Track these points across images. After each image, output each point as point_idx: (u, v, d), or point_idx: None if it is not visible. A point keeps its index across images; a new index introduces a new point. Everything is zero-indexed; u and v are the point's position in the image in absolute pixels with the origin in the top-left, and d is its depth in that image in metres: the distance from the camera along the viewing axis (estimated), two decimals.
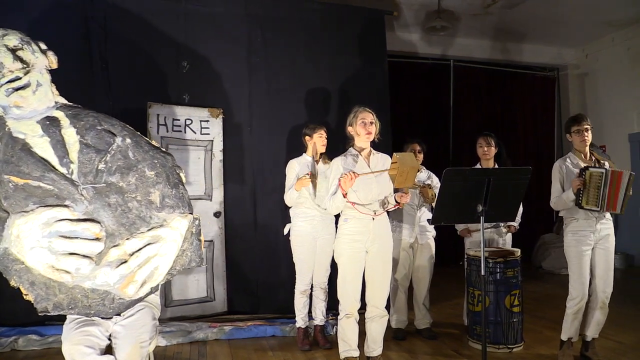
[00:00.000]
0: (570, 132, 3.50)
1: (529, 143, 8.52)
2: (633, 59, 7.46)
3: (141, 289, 2.15)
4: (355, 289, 3.23)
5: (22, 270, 2.01)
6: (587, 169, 3.32)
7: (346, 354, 3.28)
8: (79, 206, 2.07)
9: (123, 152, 2.17)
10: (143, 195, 2.16)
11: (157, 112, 4.42)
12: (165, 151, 2.31)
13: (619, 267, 7.14)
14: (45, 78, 2.20)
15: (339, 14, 5.12)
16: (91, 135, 2.15)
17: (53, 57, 2.21)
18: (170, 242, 2.17)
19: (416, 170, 3.00)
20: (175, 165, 2.29)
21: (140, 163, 2.19)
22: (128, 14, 4.40)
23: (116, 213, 2.11)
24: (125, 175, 2.15)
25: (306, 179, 3.72)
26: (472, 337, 3.92)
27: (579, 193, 3.31)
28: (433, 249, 4.23)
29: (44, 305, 2.05)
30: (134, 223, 2.13)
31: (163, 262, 2.16)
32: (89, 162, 2.11)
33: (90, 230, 2.06)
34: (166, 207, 2.19)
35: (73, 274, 2.03)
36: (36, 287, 2.03)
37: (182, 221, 2.20)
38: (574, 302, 3.42)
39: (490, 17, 6.92)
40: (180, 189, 2.24)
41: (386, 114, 4.89)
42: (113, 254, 2.09)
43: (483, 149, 4.21)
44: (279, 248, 4.53)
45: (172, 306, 4.43)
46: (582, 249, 3.38)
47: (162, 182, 2.20)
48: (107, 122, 2.22)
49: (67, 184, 2.06)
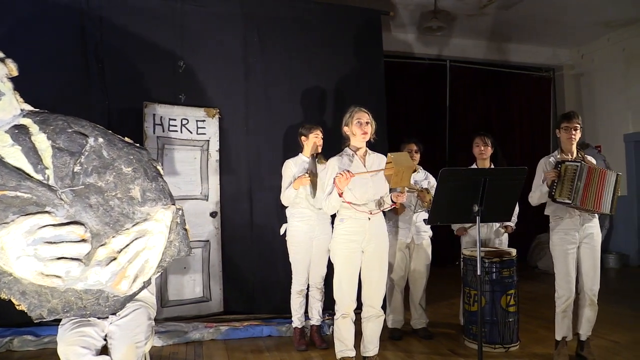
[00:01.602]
0: (559, 127, 3.53)
1: (524, 143, 8.54)
2: (628, 59, 7.49)
3: (134, 283, 2.15)
4: (351, 289, 3.23)
5: (11, 281, 2.00)
6: (563, 163, 3.35)
7: (342, 354, 3.29)
8: (60, 211, 2.06)
9: (97, 152, 2.17)
10: (123, 192, 2.17)
11: (153, 112, 4.40)
12: (139, 146, 2.31)
13: (614, 267, 7.18)
14: (7, 87, 2.16)
15: (335, 14, 5.12)
16: (62, 138, 2.14)
17: (12, 64, 2.18)
18: (157, 234, 2.17)
19: (412, 170, 3.00)
20: (152, 159, 2.29)
21: (116, 161, 2.19)
22: (124, 13, 4.39)
23: (98, 213, 2.11)
24: (102, 175, 2.14)
25: (305, 177, 3.72)
26: (468, 336, 3.92)
27: (553, 185, 3.33)
28: (429, 249, 4.24)
29: (38, 313, 2.04)
30: (118, 220, 2.14)
31: (152, 255, 2.17)
32: (64, 165, 2.10)
33: (74, 233, 2.05)
34: (148, 201, 2.19)
35: (64, 277, 2.03)
36: (28, 296, 2.02)
37: (165, 213, 2.21)
38: (561, 301, 3.46)
39: (486, 18, 6.94)
40: (160, 181, 2.25)
41: (382, 114, 4.90)
42: (101, 253, 2.09)
43: (480, 149, 4.22)
44: (275, 248, 4.52)
45: (168, 306, 4.42)
46: (567, 247, 3.41)
47: (140, 177, 2.20)
48: (76, 124, 2.20)
49: (45, 190, 2.05)
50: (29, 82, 4.04)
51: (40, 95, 4.07)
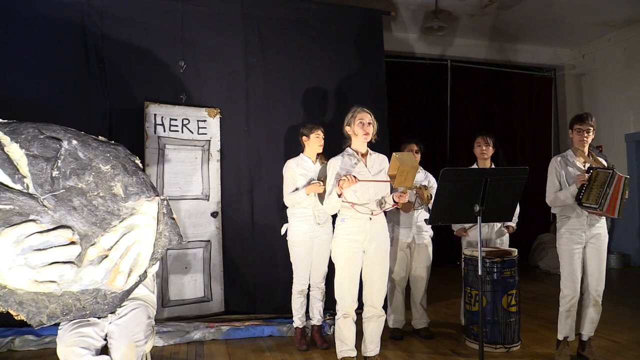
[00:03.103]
0: (572, 128, 3.50)
1: (526, 143, 8.54)
2: (629, 59, 7.48)
3: (129, 278, 2.17)
4: (352, 289, 3.23)
5: (6, 293, 2.00)
6: (595, 169, 3.32)
7: (343, 354, 3.29)
8: (45, 217, 2.06)
9: (72, 154, 2.16)
10: (105, 191, 2.17)
11: (154, 112, 4.41)
12: (114, 143, 2.30)
13: (615, 267, 7.17)
14: None
15: (336, 14, 5.12)
16: (36, 145, 2.13)
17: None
18: (145, 227, 2.19)
19: (416, 170, 3.01)
20: (128, 153, 2.29)
21: (93, 160, 2.19)
22: (125, 13, 4.39)
23: (83, 214, 2.11)
24: (81, 176, 2.15)
25: (320, 185, 3.71)
26: (470, 336, 3.92)
27: (582, 189, 3.31)
28: (430, 249, 4.23)
29: (38, 320, 2.04)
30: (104, 219, 2.14)
31: (143, 247, 2.18)
32: (41, 172, 2.09)
33: (62, 237, 2.06)
34: (131, 195, 2.20)
35: (58, 282, 2.03)
36: (25, 305, 2.02)
37: (150, 204, 2.22)
38: (565, 300, 3.45)
39: (488, 18, 6.93)
40: (140, 174, 2.25)
41: (383, 114, 4.90)
42: (92, 253, 2.09)
43: (481, 148, 4.22)
44: (276, 248, 4.52)
45: (169, 306, 4.42)
46: (573, 247, 3.41)
47: (120, 173, 2.21)
48: (48, 129, 2.19)
49: (27, 199, 2.04)
50: (30, 83, 4.10)
51: (41, 95, 4.13)
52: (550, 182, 3.54)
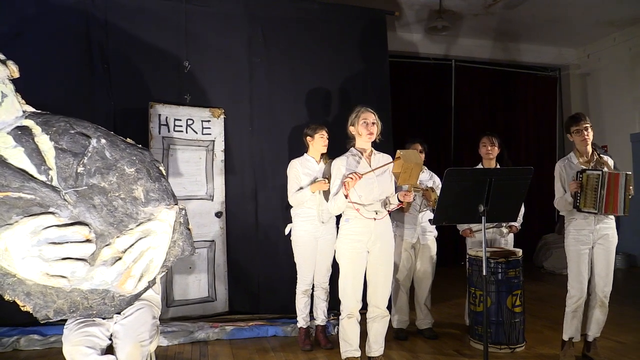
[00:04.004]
0: (570, 132, 3.49)
1: (530, 143, 8.51)
2: (635, 58, 7.44)
3: (139, 283, 2.16)
4: (356, 289, 3.23)
5: (15, 282, 2.01)
6: (584, 172, 3.32)
7: (347, 354, 3.28)
8: (64, 211, 2.07)
9: (100, 152, 2.18)
10: (126, 193, 2.17)
11: (158, 112, 4.42)
12: (141, 147, 2.31)
13: (621, 267, 7.14)
14: (9, 88, 2.17)
15: (340, 14, 5.11)
16: (65, 139, 2.15)
17: (14, 66, 2.18)
18: (161, 234, 2.18)
19: (420, 167, 3.00)
20: (154, 159, 2.30)
21: (119, 161, 2.20)
22: (129, 14, 4.40)
23: (102, 213, 2.12)
24: (105, 176, 2.15)
25: (325, 183, 3.71)
26: (474, 337, 3.91)
27: (577, 196, 3.32)
28: (434, 249, 4.23)
29: (44, 313, 2.05)
30: (122, 221, 2.14)
31: (157, 254, 2.18)
32: (67, 166, 2.11)
33: (79, 233, 2.06)
34: (151, 201, 2.20)
35: (69, 278, 2.03)
36: (33, 297, 2.03)
37: (169, 213, 2.22)
38: (572, 301, 3.44)
39: (492, 17, 6.91)
40: (163, 181, 2.26)
41: (387, 114, 4.89)
42: (106, 253, 2.09)
43: (487, 148, 4.21)
44: (280, 248, 4.53)
45: (174, 306, 4.43)
46: (580, 247, 3.39)
47: (143, 177, 2.21)
48: (79, 125, 2.21)
49: (49, 191, 2.05)
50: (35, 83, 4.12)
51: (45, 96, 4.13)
52: (556, 187, 3.55)
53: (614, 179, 3.25)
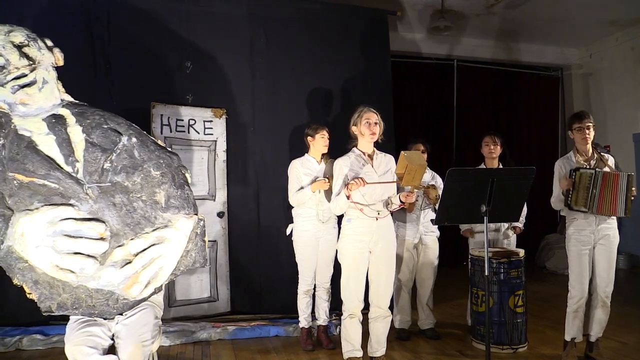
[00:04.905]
0: (572, 129, 3.47)
1: (532, 143, 8.49)
2: (637, 58, 7.42)
3: (145, 289, 2.15)
4: (358, 290, 3.23)
5: (26, 268, 2.01)
6: (578, 170, 3.31)
7: (349, 354, 3.29)
8: (84, 205, 2.07)
9: (129, 151, 2.17)
10: (148, 195, 2.16)
11: (160, 113, 4.42)
12: (171, 151, 2.30)
13: (623, 268, 7.12)
14: (52, 75, 2.20)
15: (342, 14, 5.11)
16: (97, 133, 2.15)
17: (59, 54, 2.21)
18: (175, 243, 2.17)
19: (424, 168, 3.00)
20: (181, 165, 2.29)
21: (146, 163, 2.19)
22: (131, 14, 4.40)
23: (121, 213, 2.11)
24: (130, 175, 2.15)
25: (325, 182, 3.71)
26: (476, 337, 3.91)
27: (568, 194, 3.31)
28: (437, 249, 4.22)
29: (47, 305, 2.05)
30: (139, 223, 2.13)
31: (167, 263, 2.16)
32: (95, 161, 2.11)
33: (95, 230, 2.06)
34: (171, 207, 2.19)
35: (77, 273, 2.03)
36: (40, 285, 2.03)
37: (187, 222, 2.20)
38: (573, 301, 3.43)
39: (494, 17, 6.90)
40: (186, 189, 2.24)
41: (389, 114, 4.89)
42: (117, 254, 2.09)
43: (489, 148, 4.20)
44: (281, 248, 4.52)
45: (176, 306, 4.44)
46: (581, 248, 3.39)
47: (167, 182, 2.20)
48: (113, 120, 2.22)
49: (73, 183, 2.06)
50: None
51: None
52: (555, 185, 3.54)
53: (612, 179, 3.23)
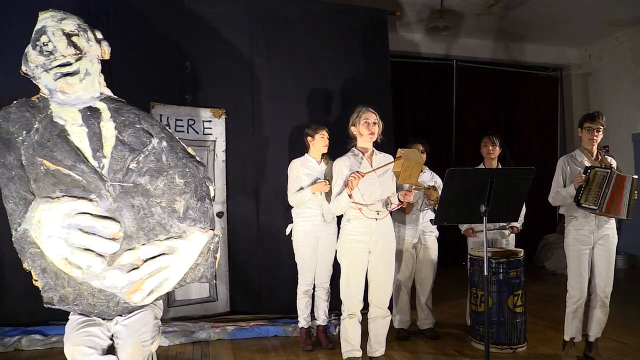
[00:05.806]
0: (582, 127, 3.47)
1: (532, 143, 8.49)
2: (637, 58, 7.43)
3: (147, 297, 2.15)
4: (358, 290, 3.23)
5: (37, 254, 2.02)
6: (593, 168, 3.30)
7: (349, 354, 3.28)
8: (104, 202, 2.07)
9: (157, 154, 2.16)
10: (168, 202, 2.15)
11: (159, 112, 4.42)
12: (199, 161, 2.28)
13: (622, 268, 7.13)
14: (95, 68, 2.20)
15: (341, 14, 5.11)
16: (129, 132, 2.14)
17: (107, 47, 2.22)
18: (185, 256, 2.15)
19: (421, 165, 3.00)
20: (207, 177, 2.26)
21: (172, 169, 2.17)
22: (130, 13, 4.40)
23: (138, 216, 2.10)
24: (154, 179, 2.13)
25: (326, 184, 3.71)
26: (475, 337, 3.91)
27: (580, 190, 3.30)
28: (436, 249, 4.22)
29: (50, 295, 2.05)
30: (153, 229, 2.12)
31: (174, 275, 2.15)
32: (121, 159, 2.11)
33: (108, 229, 2.06)
34: (188, 218, 2.17)
35: (84, 270, 2.03)
36: (47, 274, 2.03)
37: (201, 236, 2.18)
38: (572, 301, 3.43)
39: (493, 17, 6.91)
40: (206, 202, 2.22)
41: (388, 114, 4.89)
42: (126, 258, 2.08)
43: (488, 148, 4.20)
44: (281, 248, 4.52)
45: (175, 306, 4.44)
46: (581, 247, 3.39)
47: (189, 192, 2.18)
48: (147, 121, 2.21)
49: (96, 178, 2.05)
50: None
51: None
52: (555, 180, 3.53)
53: (620, 181, 3.24)
